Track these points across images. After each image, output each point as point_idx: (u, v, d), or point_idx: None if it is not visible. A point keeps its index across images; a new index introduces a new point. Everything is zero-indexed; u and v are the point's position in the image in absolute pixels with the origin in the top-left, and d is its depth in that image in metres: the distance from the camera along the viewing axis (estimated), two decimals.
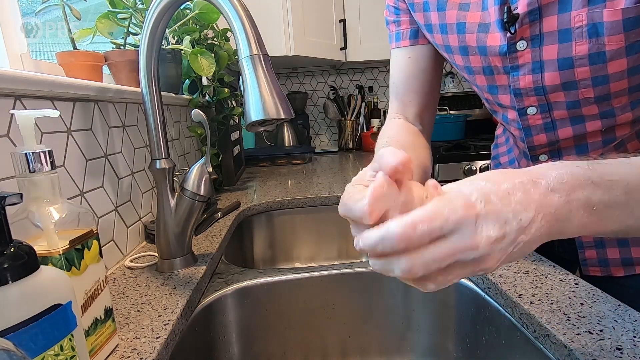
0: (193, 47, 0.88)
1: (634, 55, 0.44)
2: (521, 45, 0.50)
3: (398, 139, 0.61)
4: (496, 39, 0.51)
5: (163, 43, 0.68)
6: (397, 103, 0.69)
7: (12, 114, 0.44)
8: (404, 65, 0.67)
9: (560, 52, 0.47)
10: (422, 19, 0.61)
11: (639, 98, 0.49)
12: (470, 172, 1.56)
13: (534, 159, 0.60)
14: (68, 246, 0.35)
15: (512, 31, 0.49)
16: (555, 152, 0.58)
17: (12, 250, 0.27)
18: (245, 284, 0.61)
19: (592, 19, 0.43)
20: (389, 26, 0.68)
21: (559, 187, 0.28)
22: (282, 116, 0.47)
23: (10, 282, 0.26)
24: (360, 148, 2.06)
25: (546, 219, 0.27)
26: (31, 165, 0.34)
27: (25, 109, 0.46)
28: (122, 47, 0.79)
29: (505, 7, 0.48)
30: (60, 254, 0.34)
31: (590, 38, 0.44)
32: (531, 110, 0.54)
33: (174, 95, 0.92)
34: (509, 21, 0.48)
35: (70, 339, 0.30)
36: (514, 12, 0.48)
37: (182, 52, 0.91)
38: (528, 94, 0.53)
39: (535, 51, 0.49)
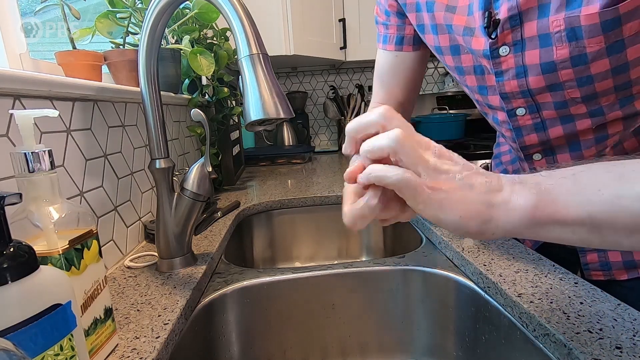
0: (192, 47, 0.88)
1: (615, 55, 0.44)
2: (504, 50, 0.50)
3: None
4: (480, 43, 0.51)
5: (162, 42, 0.68)
6: (382, 94, 0.75)
7: (12, 114, 0.44)
8: (389, 62, 0.73)
9: (542, 57, 0.47)
10: (414, 19, 0.62)
11: (628, 96, 0.49)
12: None
13: (528, 158, 0.60)
14: (67, 246, 0.35)
15: (493, 36, 0.49)
16: (548, 150, 0.58)
17: (11, 250, 0.27)
18: (245, 283, 0.61)
19: (570, 23, 0.43)
20: (378, 26, 0.72)
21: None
22: (282, 115, 0.47)
23: (9, 282, 0.26)
24: None
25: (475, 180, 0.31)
26: (30, 165, 0.34)
27: (25, 108, 0.46)
28: (121, 47, 0.79)
29: (487, 13, 0.49)
30: (59, 254, 0.34)
31: (570, 42, 0.44)
32: (520, 111, 0.55)
33: (173, 94, 0.92)
34: (489, 26, 0.49)
35: (70, 339, 0.30)
36: (496, 17, 0.48)
37: (182, 51, 0.91)
38: (515, 97, 0.53)
39: (517, 56, 0.49)
